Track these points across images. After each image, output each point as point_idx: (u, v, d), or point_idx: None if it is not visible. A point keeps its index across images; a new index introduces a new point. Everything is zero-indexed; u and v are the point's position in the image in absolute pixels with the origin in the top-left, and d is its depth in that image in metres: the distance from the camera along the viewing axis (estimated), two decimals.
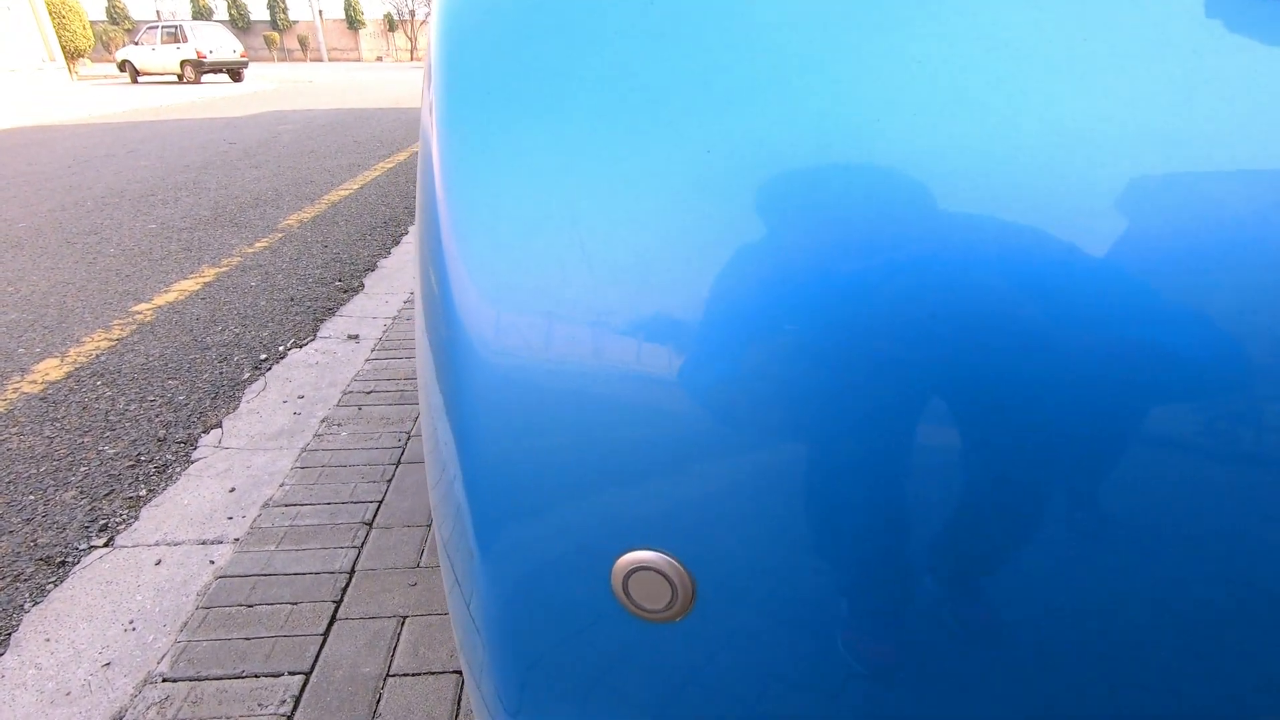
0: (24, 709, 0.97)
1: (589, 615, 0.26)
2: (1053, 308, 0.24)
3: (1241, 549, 0.25)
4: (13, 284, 2.63)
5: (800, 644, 0.25)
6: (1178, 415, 0.24)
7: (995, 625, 0.27)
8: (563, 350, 0.24)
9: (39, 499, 1.42)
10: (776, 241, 0.24)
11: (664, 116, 0.25)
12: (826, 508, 0.24)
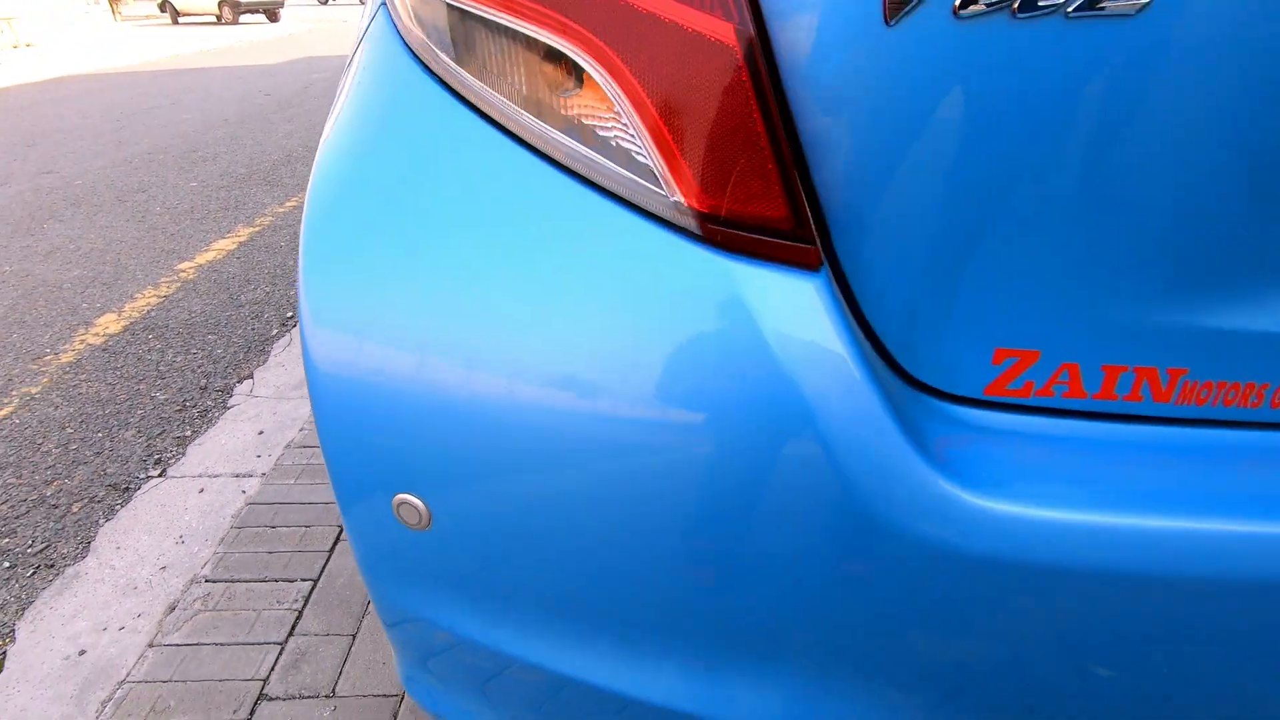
0: (104, 597, 1.27)
1: (391, 526, 0.48)
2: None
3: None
4: (74, 242, 2.94)
5: (489, 545, 0.47)
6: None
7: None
8: (364, 386, 0.45)
9: (106, 436, 1.72)
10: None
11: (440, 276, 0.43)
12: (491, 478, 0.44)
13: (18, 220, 3.20)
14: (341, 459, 0.47)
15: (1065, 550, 0.38)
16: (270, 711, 1.07)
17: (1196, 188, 0.37)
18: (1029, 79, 0.35)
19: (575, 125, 0.41)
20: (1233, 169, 0.36)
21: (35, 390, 1.91)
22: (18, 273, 2.64)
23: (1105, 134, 0.36)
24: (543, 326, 0.41)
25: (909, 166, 0.38)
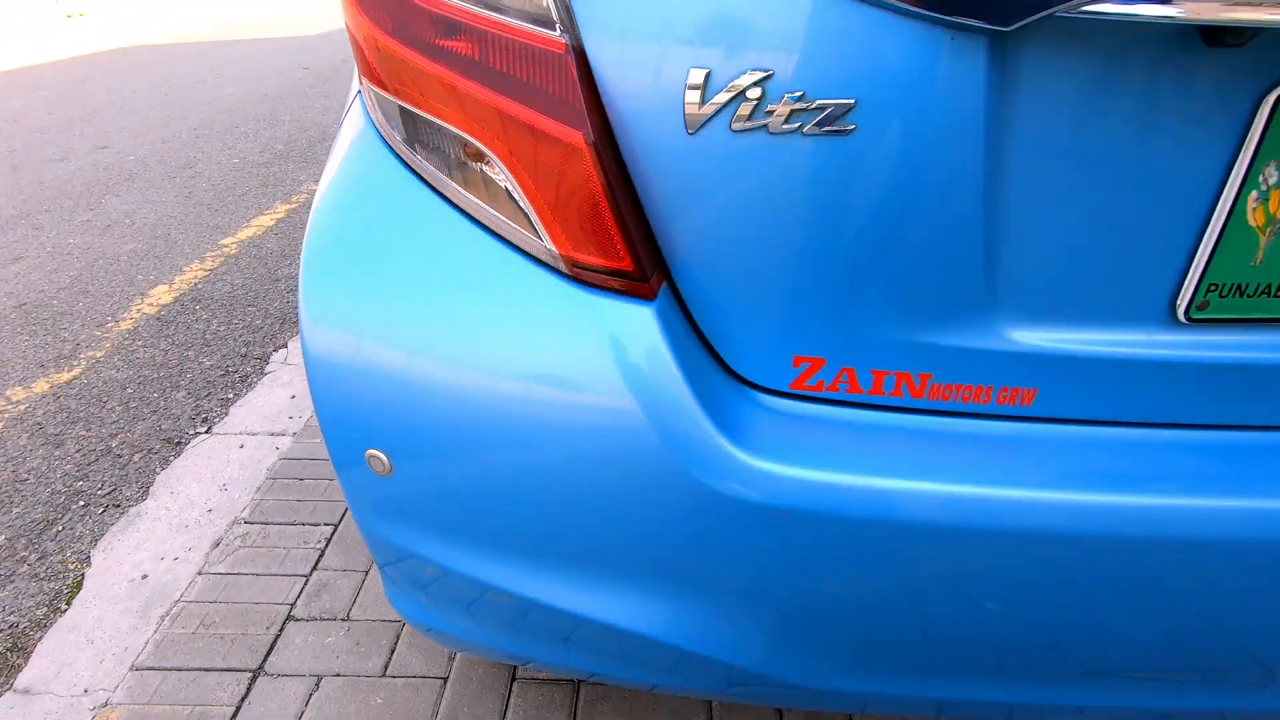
0: (161, 533, 1.50)
1: (365, 473, 0.66)
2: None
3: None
4: (129, 216, 3.20)
5: (432, 488, 0.64)
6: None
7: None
8: (343, 371, 0.62)
9: (160, 396, 1.96)
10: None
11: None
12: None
13: (79, 195, 3.48)
14: (330, 424, 0.65)
15: (817, 500, 0.54)
16: (296, 629, 1.29)
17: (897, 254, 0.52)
18: (784, 167, 0.50)
19: (485, 191, 0.57)
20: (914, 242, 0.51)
21: (99, 354, 2.16)
22: (80, 245, 2.91)
23: (834, 208, 0.51)
24: (466, 332, 0.58)
25: (718, 228, 0.54)
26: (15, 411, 1.90)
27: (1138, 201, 0.50)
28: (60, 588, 1.39)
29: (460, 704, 1.16)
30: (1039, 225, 0.51)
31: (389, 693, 1.18)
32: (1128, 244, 0.51)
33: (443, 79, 0.54)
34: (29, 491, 1.63)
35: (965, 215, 0.50)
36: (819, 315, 0.56)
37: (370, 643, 1.26)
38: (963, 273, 0.53)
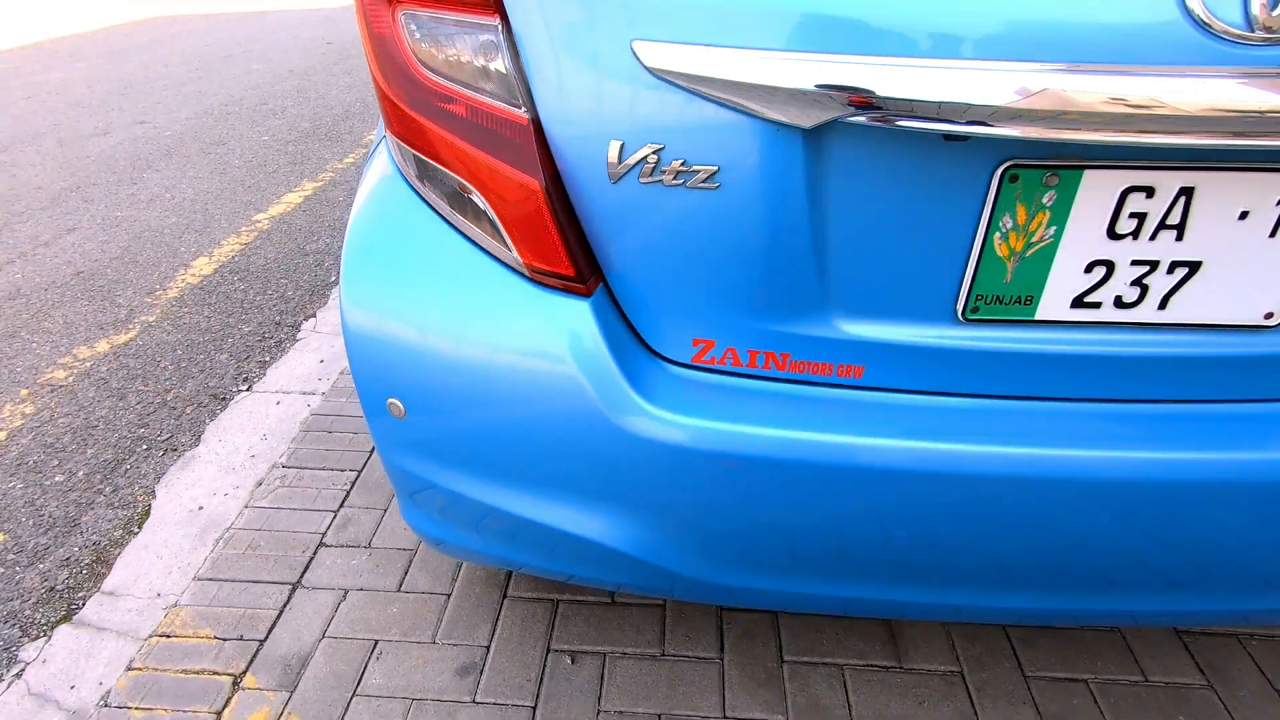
0: (211, 473, 1.77)
1: (386, 416, 0.89)
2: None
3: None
4: (170, 191, 3.46)
5: (433, 429, 0.88)
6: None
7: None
8: (371, 339, 0.85)
9: (206, 358, 2.23)
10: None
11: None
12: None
13: (122, 169, 3.74)
14: (361, 378, 0.88)
15: (704, 440, 0.77)
16: (326, 553, 1.55)
17: (757, 270, 0.74)
18: (675, 209, 0.72)
19: (472, 215, 0.80)
20: (767, 262, 0.73)
21: (151, 319, 2.43)
22: (127, 219, 3.17)
23: (710, 237, 0.73)
24: (457, 315, 0.81)
25: (635, 247, 0.76)
26: (83, 368, 2.18)
27: (923, 238, 0.71)
28: (131, 515, 1.67)
29: (460, 614, 1.42)
30: (854, 252, 0.73)
31: (402, 605, 1.44)
32: (919, 266, 0.73)
33: (444, 138, 0.76)
34: (100, 436, 1.91)
35: (800, 246, 0.72)
36: (709, 309, 0.78)
37: (387, 565, 1.52)
38: (803, 284, 0.75)
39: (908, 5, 0.60)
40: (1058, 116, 0.58)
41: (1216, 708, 1.24)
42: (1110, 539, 0.79)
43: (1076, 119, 0.59)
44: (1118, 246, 0.70)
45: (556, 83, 0.71)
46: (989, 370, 0.78)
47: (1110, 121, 0.59)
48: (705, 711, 1.24)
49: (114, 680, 1.30)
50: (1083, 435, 0.76)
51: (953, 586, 0.87)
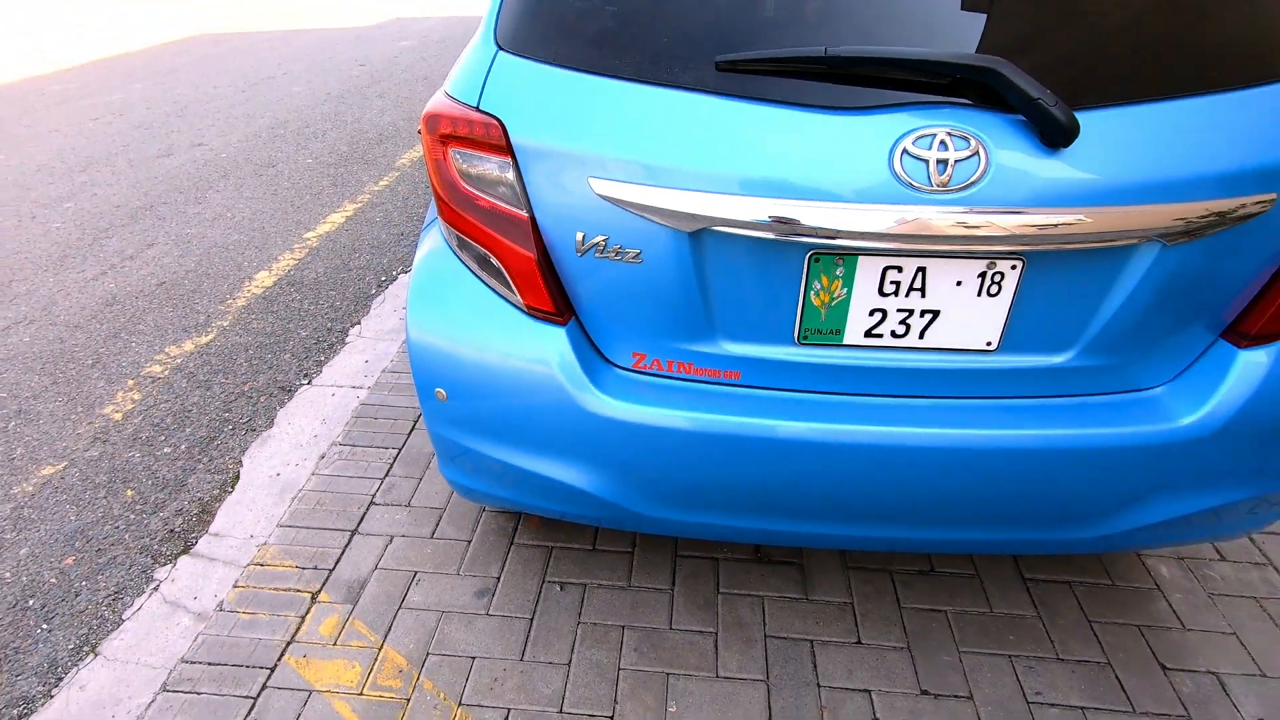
0: (285, 448, 2.25)
1: (435, 400, 1.34)
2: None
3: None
4: (230, 210, 3.97)
5: (464, 408, 1.32)
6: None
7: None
8: (426, 347, 1.29)
9: (273, 357, 2.71)
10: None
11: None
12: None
13: (187, 189, 4.26)
14: (418, 374, 1.34)
15: (638, 418, 1.21)
16: (375, 510, 2.01)
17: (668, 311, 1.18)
18: (616, 274, 1.16)
19: (491, 272, 1.25)
20: (674, 306, 1.17)
21: (225, 324, 2.92)
22: (196, 235, 3.68)
23: (636, 290, 1.17)
24: (480, 335, 1.27)
25: (592, 296, 1.21)
26: (175, 363, 2.67)
27: (769, 293, 1.15)
28: (226, 479, 2.15)
29: (477, 555, 1.87)
30: (727, 301, 1.17)
31: (434, 548, 1.89)
32: (770, 310, 1.17)
33: (474, 224, 1.22)
34: (194, 418, 2.40)
35: (693, 297, 1.16)
36: (640, 334, 1.23)
37: (423, 519, 1.98)
38: (696, 320, 1.19)
39: (742, 165, 1.04)
40: (832, 232, 1.03)
41: (1040, 630, 1.66)
42: (890, 487, 1.23)
43: (843, 233, 1.03)
44: (886, 300, 1.14)
45: (545, 196, 1.16)
46: (817, 375, 1.22)
47: (861, 235, 1.03)
48: (657, 625, 1.68)
49: (225, 593, 1.77)
50: (875, 418, 1.20)
51: (800, 518, 1.31)
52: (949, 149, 1.00)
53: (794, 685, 1.55)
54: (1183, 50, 1.04)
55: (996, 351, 1.18)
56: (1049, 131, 0.99)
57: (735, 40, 1.06)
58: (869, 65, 1.01)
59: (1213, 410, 1.16)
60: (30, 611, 1.76)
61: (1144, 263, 1.08)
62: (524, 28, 1.17)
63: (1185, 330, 1.18)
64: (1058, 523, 1.28)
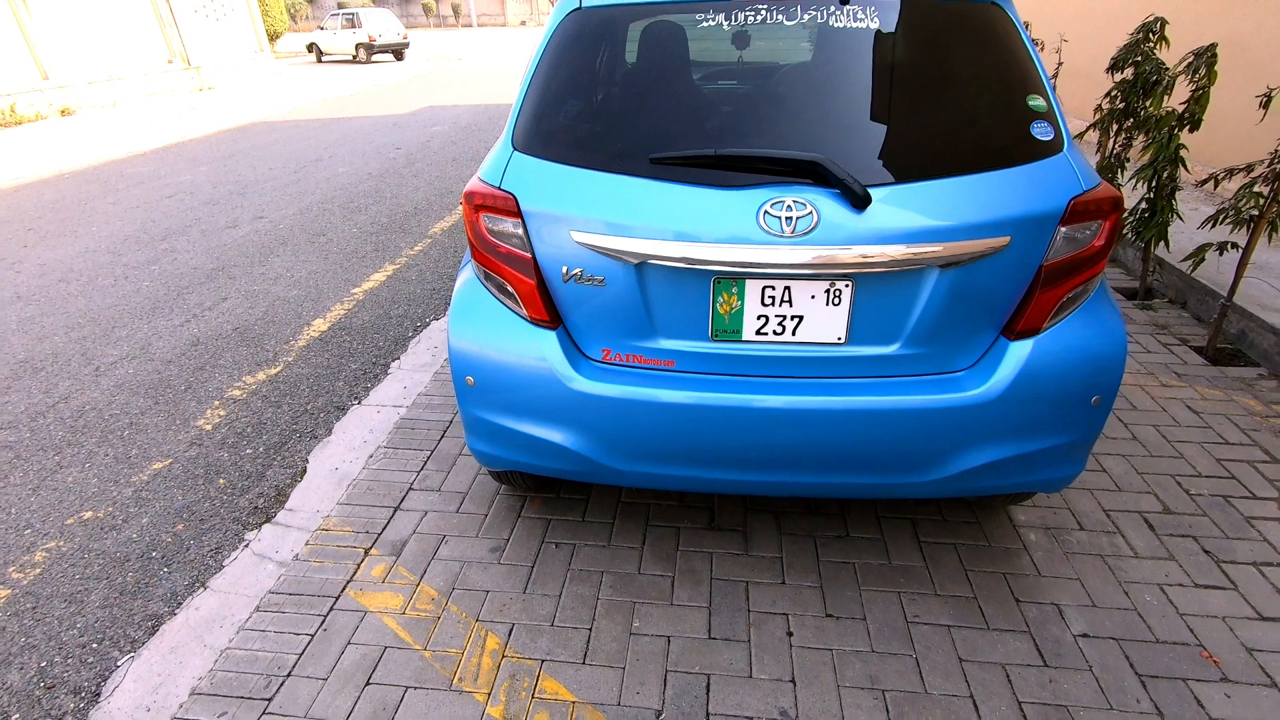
0: (340, 451, 2.82)
1: (466, 385, 1.90)
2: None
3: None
4: (290, 271, 4.67)
5: (488, 391, 1.89)
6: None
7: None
8: (461, 351, 1.87)
9: (329, 384, 3.32)
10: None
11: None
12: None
13: (252, 254, 5.00)
14: (455, 366, 1.90)
15: (606, 394, 1.77)
16: (413, 494, 2.56)
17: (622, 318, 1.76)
18: (588, 293, 1.75)
19: (506, 295, 1.85)
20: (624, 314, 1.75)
21: (290, 359, 3.55)
22: (262, 291, 4.37)
23: (600, 304, 1.76)
24: (498, 339, 1.85)
25: (574, 309, 1.80)
26: (250, 389, 3.28)
27: (690, 305, 1.73)
28: (295, 472, 2.72)
29: (492, 524, 2.40)
30: (663, 311, 1.74)
31: (459, 520, 2.43)
32: (691, 317, 1.74)
33: (495, 263, 1.82)
34: (269, 429, 2.99)
35: (640, 309, 1.75)
36: (605, 336, 1.81)
37: (450, 500, 2.52)
38: (642, 325, 1.77)
39: (667, 222, 1.65)
40: (723, 264, 1.62)
41: (925, 576, 2.14)
42: (777, 439, 1.77)
43: (730, 265, 1.62)
44: (767, 309, 1.71)
45: (542, 244, 1.77)
46: (725, 362, 1.79)
47: (742, 265, 1.61)
48: (628, 571, 2.19)
49: (299, 549, 2.31)
50: (766, 390, 1.75)
51: (719, 466, 1.84)
52: (794, 211, 1.60)
53: (730, 610, 2.04)
54: (942, 150, 1.65)
55: (845, 344, 1.74)
56: (854, 200, 1.59)
57: (661, 145, 1.69)
58: (742, 160, 1.63)
59: (993, 384, 1.71)
60: (154, 560, 2.31)
61: (930, 282, 1.66)
62: (529, 137, 1.81)
63: (976, 329, 1.74)
64: (900, 469, 1.81)
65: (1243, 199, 3.02)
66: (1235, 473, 2.55)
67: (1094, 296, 1.79)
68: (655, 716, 1.75)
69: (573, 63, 1.83)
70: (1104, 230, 1.68)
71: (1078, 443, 1.83)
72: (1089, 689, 1.79)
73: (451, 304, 1.96)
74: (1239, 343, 3.44)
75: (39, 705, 1.84)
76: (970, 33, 1.78)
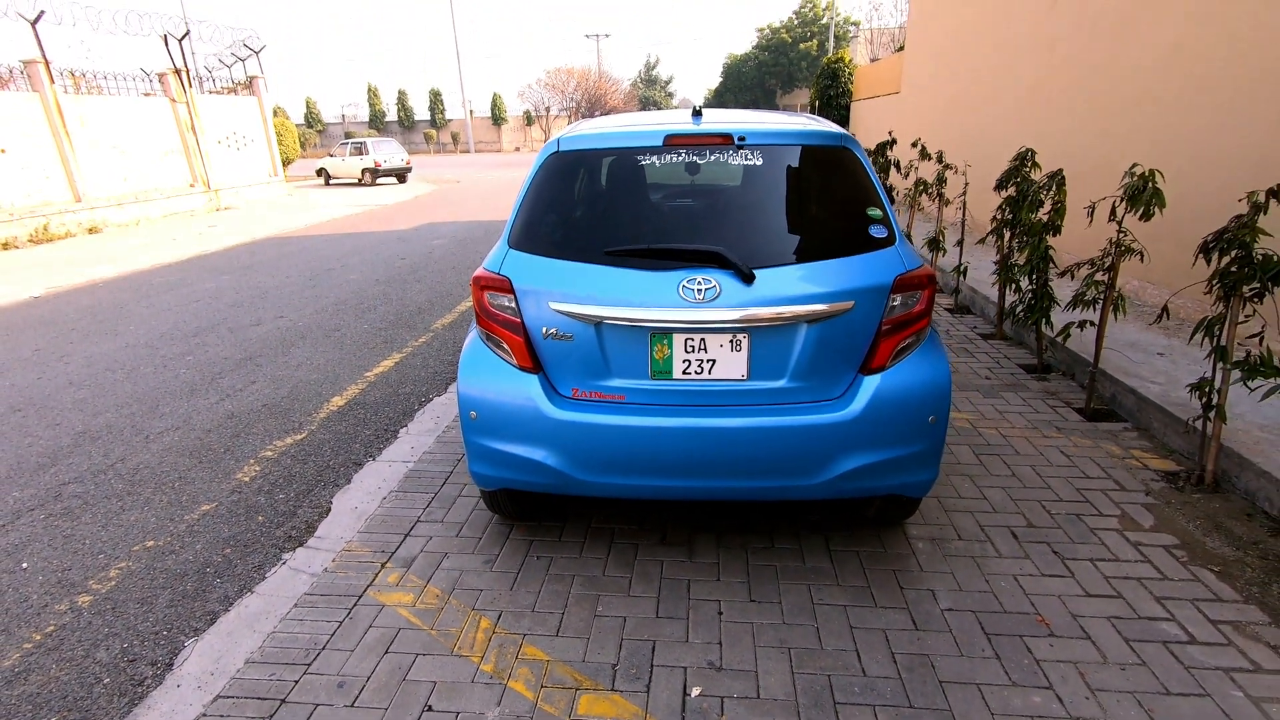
0: (359, 494, 3.37)
1: (469, 418, 2.51)
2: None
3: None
4: (309, 360, 5.35)
5: (487, 423, 2.51)
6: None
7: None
8: (467, 395, 2.50)
9: (347, 446, 3.90)
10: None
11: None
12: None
13: (276, 347, 5.69)
14: (461, 403, 2.53)
15: (578, 420, 2.40)
16: (419, 525, 3.10)
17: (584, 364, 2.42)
18: (561, 346, 2.43)
19: (501, 349, 2.51)
20: (587, 361, 2.41)
21: (313, 428, 4.15)
22: (287, 376, 5.02)
23: (571, 355, 2.43)
24: (495, 383, 2.49)
25: (551, 358, 2.47)
26: (280, 450, 3.87)
27: (633, 353, 2.40)
28: (322, 510, 3.26)
29: (486, 544, 2.94)
30: (616, 358, 2.41)
31: (458, 542, 2.97)
32: (635, 362, 2.41)
33: (494, 326, 2.50)
34: (298, 479, 3.55)
35: (597, 357, 2.41)
36: (574, 378, 2.45)
37: (452, 528, 3.06)
38: (600, 369, 2.42)
39: (617, 295, 2.35)
40: (655, 323, 2.31)
41: (831, 573, 2.70)
42: (701, 452, 2.38)
43: (660, 323, 2.31)
44: (689, 355, 2.39)
45: (529, 312, 2.46)
46: (662, 395, 2.44)
47: (668, 323, 2.31)
48: (595, 574, 2.72)
49: (329, 563, 2.83)
50: (692, 415, 2.39)
51: (659, 475, 2.44)
52: (703, 284, 2.31)
53: (674, 599, 2.58)
54: (807, 243, 2.40)
55: (748, 380, 2.41)
56: (744, 277, 2.31)
57: (614, 242, 2.43)
58: (667, 251, 2.37)
59: (855, 406, 2.36)
60: (208, 574, 2.82)
61: (802, 334, 2.35)
62: (520, 238, 2.55)
63: (840, 367, 2.41)
64: (795, 473, 2.42)
65: (1088, 286, 3.81)
66: (1090, 499, 3.16)
67: (926, 343, 2.48)
68: (611, 669, 2.26)
69: (551, 188, 2.61)
70: (923, 297, 2.41)
71: (926, 451, 2.47)
72: (947, 644, 2.32)
73: (460, 360, 2.63)
74: (1111, 403, 4.13)
75: (124, 673, 2.32)
76: (829, 165, 2.58)
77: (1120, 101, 6.08)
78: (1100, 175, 5.41)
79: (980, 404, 4.19)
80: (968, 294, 6.40)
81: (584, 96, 50.10)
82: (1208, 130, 5.09)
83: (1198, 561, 2.68)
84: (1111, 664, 2.20)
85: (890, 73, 14.19)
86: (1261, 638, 2.28)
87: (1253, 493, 3.07)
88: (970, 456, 3.55)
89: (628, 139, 2.59)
